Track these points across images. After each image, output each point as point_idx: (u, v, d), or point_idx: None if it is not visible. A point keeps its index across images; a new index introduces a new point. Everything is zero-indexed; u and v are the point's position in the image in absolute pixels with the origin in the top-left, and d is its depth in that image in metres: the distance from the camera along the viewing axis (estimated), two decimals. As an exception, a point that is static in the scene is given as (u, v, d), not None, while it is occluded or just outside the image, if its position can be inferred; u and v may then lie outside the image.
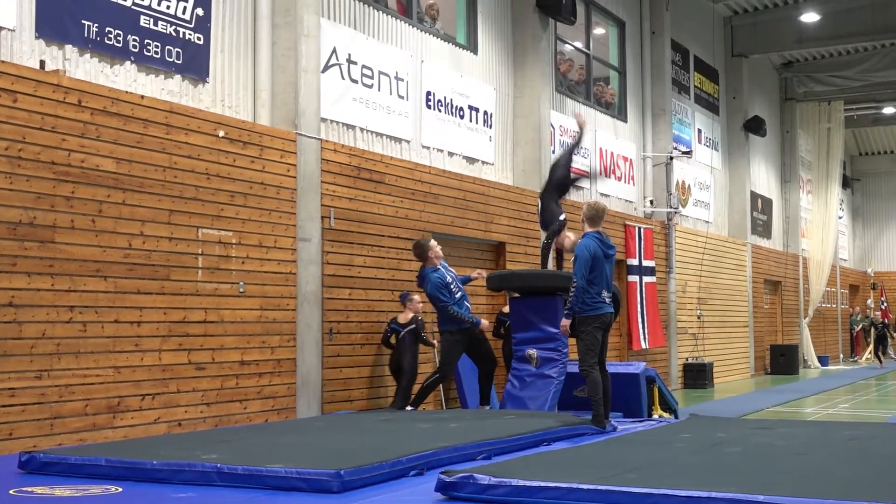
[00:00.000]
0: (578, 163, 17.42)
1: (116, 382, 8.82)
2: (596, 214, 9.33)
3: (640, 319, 18.55)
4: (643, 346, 18.42)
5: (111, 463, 6.48)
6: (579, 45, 18.13)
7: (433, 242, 11.41)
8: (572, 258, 9.35)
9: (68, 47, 8.87)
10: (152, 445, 7.39)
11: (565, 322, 9.31)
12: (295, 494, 5.87)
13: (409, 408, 11.00)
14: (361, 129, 12.35)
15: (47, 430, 8.19)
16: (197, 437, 8.13)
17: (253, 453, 6.85)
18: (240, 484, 6.08)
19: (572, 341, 9.77)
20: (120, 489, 6.06)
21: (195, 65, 10.12)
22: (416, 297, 11.68)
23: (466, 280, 11.95)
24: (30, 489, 6.00)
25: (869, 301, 34.49)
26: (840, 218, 32.56)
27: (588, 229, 9.27)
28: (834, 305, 33.01)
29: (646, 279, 18.90)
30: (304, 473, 5.96)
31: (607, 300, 9.25)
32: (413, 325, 11.43)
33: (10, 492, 5.93)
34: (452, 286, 11.15)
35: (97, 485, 6.16)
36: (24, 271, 8.10)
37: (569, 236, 11.73)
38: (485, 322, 11.41)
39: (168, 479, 6.25)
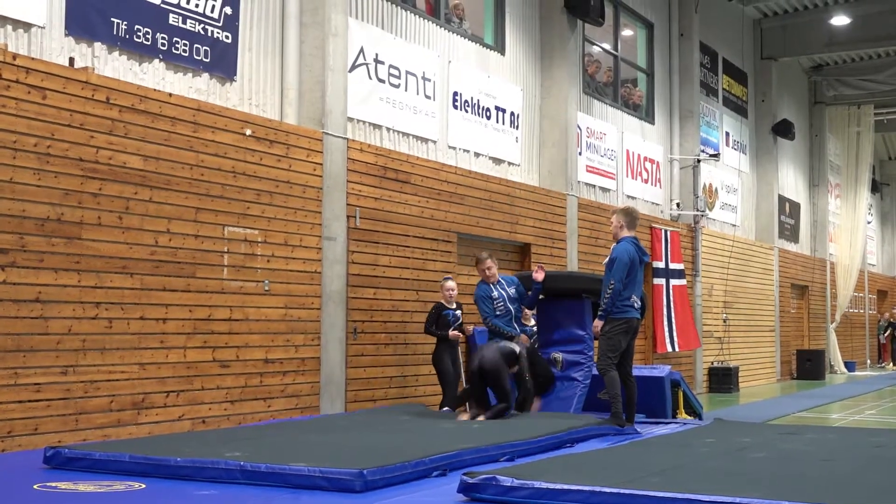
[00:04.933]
0: (605, 165, 17.40)
1: (141, 379, 8.86)
2: (632, 220, 9.57)
3: (665, 322, 18.44)
4: (669, 350, 18.31)
5: (135, 459, 6.50)
6: (607, 46, 18.07)
7: (487, 261, 10.62)
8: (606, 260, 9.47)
9: (97, 45, 8.91)
10: (176, 442, 7.42)
11: (598, 323, 9.42)
12: (318, 493, 5.87)
13: (445, 408, 10.89)
14: (388, 129, 12.35)
15: (72, 425, 8.23)
16: (221, 435, 8.14)
17: (276, 451, 6.86)
18: (263, 482, 6.09)
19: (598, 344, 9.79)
20: (143, 486, 6.08)
21: (223, 63, 10.15)
22: None
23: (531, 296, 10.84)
24: (54, 484, 6.03)
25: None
26: (869, 223, 32.29)
27: (626, 234, 9.46)
28: (861, 311, 32.75)
29: (674, 282, 18.77)
30: (327, 472, 5.96)
31: (636, 305, 9.37)
32: None
33: (35, 486, 5.97)
34: (497, 301, 10.51)
35: (121, 481, 6.18)
36: (50, 267, 8.14)
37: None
38: (522, 336, 10.70)
39: (191, 477, 6.26)
